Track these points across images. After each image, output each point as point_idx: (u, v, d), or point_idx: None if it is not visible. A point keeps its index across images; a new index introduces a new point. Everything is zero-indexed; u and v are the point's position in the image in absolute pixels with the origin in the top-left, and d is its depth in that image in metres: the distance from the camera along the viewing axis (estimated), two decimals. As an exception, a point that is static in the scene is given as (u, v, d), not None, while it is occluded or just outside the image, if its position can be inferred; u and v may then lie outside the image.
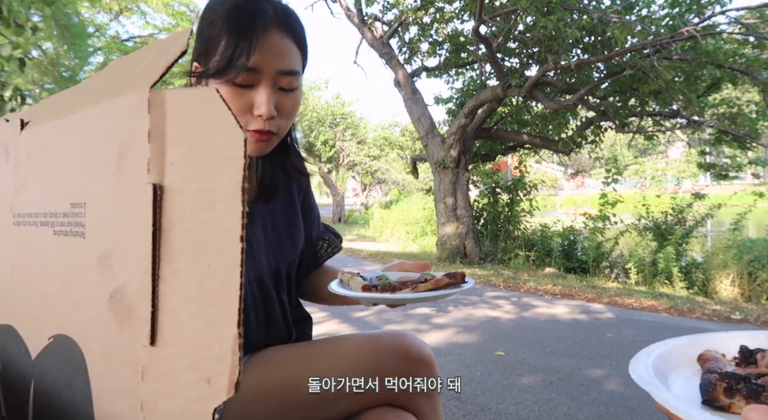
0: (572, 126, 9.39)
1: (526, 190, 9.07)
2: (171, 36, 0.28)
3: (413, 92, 8.80)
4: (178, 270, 0.26)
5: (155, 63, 0.27)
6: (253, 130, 0.78)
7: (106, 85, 0.32)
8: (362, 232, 16.29)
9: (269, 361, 0.86)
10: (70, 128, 0.34)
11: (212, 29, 0.76)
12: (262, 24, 0.75)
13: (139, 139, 0.27)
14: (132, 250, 0.28)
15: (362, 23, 9.08)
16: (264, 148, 0.82)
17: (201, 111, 0.25)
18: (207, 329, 0.24)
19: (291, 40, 0.79)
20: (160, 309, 0.26)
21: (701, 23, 6.82)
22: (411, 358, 0.82)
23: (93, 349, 0.32)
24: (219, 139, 0.24)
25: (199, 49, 0.79)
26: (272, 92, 0.78)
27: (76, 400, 0.35)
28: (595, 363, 3.13)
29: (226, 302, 0.24)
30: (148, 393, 0.27)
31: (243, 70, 0.74)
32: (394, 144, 20.03)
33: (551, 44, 6.71)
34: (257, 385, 0.82)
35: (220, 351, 0.24)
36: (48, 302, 0.39)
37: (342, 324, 4.24)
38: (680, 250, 7.03)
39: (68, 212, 0.34)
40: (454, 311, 4.71)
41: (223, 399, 0.24)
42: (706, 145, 8.43)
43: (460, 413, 2.44)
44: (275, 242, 0.93)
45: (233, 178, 0.23)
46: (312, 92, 18.70)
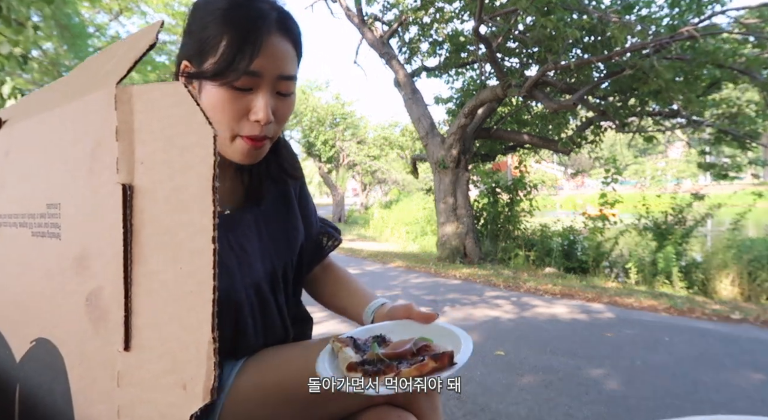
0: (572, 126, 9.38)
1: (526, 190, 9.06)
2: (142, 30, 0.27)
3: (413, 92, 8.79)
4: (151, 272, 0.25)
5: (124, 58, 0.26)
6: (247, 136, 0.76)
7: (79, 81, 0.31)
8: (362, 232, 16.29)
9: (268, 361, 0.86)
10: (44, 126, 0.33)
11: (208, 29, 0.73)
12: (266, 27, 0.73)
13: (108, 138, 0.26)
14: (105, 252, 0.27)
15: (362, 23, 9.07)
16: (258, 156, 0.80)
17: (170, 107, 0.24)
18: (182, 333, 0.24)
19: (290, 44, 0.77)
20: (134, 312, 0.25)
21: (701, 23, 6.80)
22: None
23: (72, 353, 0.32)
24: (188, 137, 0.23)
25: (192, 49, 0.75)
26: (270, 97, 0.75)
27: (58, 405, 0.35)
28: (595, 363, 3.12)
29: (200, 305, 0.23)
30: (124, 398, 0.26)
31: (244, 73, 0.72)
32: (394, 144, 20.02)
33: (551, 44, 6.70)
34: (256, 385, 0.82)
35: (195, 356, 0.23)
36: (30, 305, 0.38)
37: (342, 324, 4.23)
38: (680, 249, 7.02)
39: (45, 213, 0.34)
40: (454, 311, 4.71)
41: (199, 405, 0.23)
42: (706, 145, 8.41)
43: (460, 413, 2.44)
44: (270, 244, 0.92)
45: (204, 177, 0.22)
46: (312, 92, 18.67)
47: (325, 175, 19.63)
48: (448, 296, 5.45)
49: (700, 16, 7.02)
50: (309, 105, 18.09)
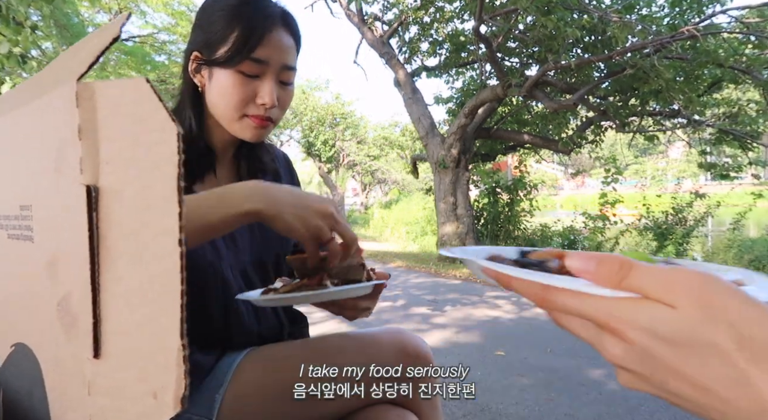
0: (572, 126, 9.36)
1: (527, 190, 9.04)
2: (108, 23, 0.26)
3: (413, 92, 8.77)
4: (118, 277, 0.24)
5: (86, 53, 0.25)
6: (253, 115, 0.84)
7: (44, 79, 0.30)
8: (362, 232, 16.29)
9: (268, 357, 0.87)
10: (12, 126, 0.32)
11: (219, 22, 0.82)
12: (271, 21, 0.82)
13: (72, 137, 0.25)
14: (73, 256, 0.26)
15: (362, 23, 9.06)
16: (262, 134, 0.88)
17: (133, 104, 0.23)
18: (151, 340, 0.23)
19: (292, 38, 0.86)
20: (102, 319, 0.24)
21: (702, 22, 6.79)
22: (408, 353, 0.85)
23: (47, 360, 0.31)
24: (153, 135, 0.22)
25: (202, 40, 0.84)
26: (275, 84, 0.84)
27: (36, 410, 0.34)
28: (595, 363, 3.11)
29: (169, 311, 0.22)
30: (95, 407, 0.25)
31: (251, 60, 0.81)
32: (394, 144, 20.00)
33: (551, 44, 6.68)
34: (257, 381, 0.84)
35: (165, 363, 0.22)
36: (8, 309, 0.37)
37: (342, 324, 4.22)
38: (681, 249, 7.01)
39: (18, 215, 0.32)
40: (454, 311, 4.70)
41: (170, 415, 0.22)
42: (706, 144, 8.39)
43: (460, 413, 2.43)
44: (260, 236, 0.96)
45: (169, 176, 0.21)
46: (312, 92, 18.65)
47: (325, 175, 19.60)
48: (448, 296, 5.44)
49: (701, 15, 7.00)
50: (309, 105, 18.06)
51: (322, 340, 0.92)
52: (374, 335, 0.88)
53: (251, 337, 0.92)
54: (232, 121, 0.86)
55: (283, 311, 0.99)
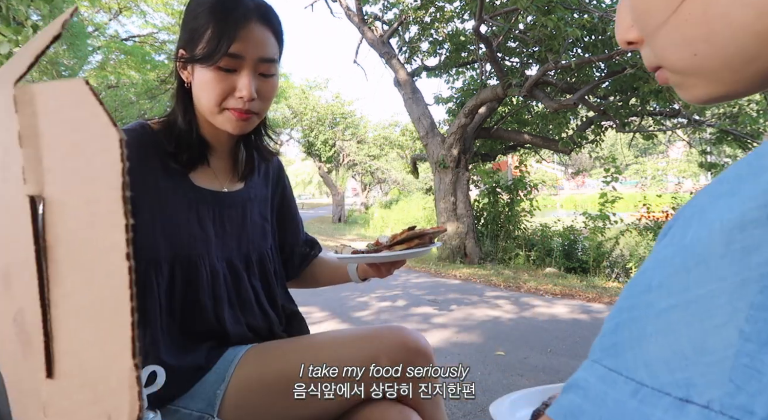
0: (573, 125, 9.34)
1: (527, 189, 9.02)
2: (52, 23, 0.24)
3: (413, 92, 8.76)
4: (67, 293, 0.22)
5: (25, 53, 0.23)
6: (233, 109, 0.87)
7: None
8: (362, 231, 16.26)
9: (269, 353, 0.90)
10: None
11: (198, 20, 0.85)
12: (243, 16, 0.84)
13: (14, 144, 0.23)
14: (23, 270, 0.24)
15: (362, 22, 9.04)
16: (245, 127, 0.90)
17: (73, 108, 0.21)
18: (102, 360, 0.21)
19: (269, 31, 0.88)
20: (54, 337, 0.23)
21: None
22: (409, 348, 0.87)
23: (9, 376, 0.29)
24: (93, 142, 0.20)
25: (185, 38, 0.87)
26: (253, 77, 0.86)
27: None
28: (594, 365, 3.10)
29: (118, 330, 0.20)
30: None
31: (227, 55, 0.83)
32: (394, 144, 19.98)
33: (551, 43, 6.66)
34: (258, 376, 0.86)
35: (117, 385, 0.21)
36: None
37: (342, 324, 4.21)
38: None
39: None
40: (454, 311, 4.69)
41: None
42: (707, 144, 8.38)
43: (460, 413, 2.42)
44: (249, 230, 1.00)
45: (112, 187, 0.20)
46: (312, 92, 18.62)
47: (325, 174, 19.59)
48: (448, 296, 5.43)
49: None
50: (309, 104, 18.04)
51: (323, 336, 0.96)
52: (375, 331, 0.91)
53: (239, 324, 0.94)
54: (213, 115, 0.89)
55: (271, 308, 1.02)
